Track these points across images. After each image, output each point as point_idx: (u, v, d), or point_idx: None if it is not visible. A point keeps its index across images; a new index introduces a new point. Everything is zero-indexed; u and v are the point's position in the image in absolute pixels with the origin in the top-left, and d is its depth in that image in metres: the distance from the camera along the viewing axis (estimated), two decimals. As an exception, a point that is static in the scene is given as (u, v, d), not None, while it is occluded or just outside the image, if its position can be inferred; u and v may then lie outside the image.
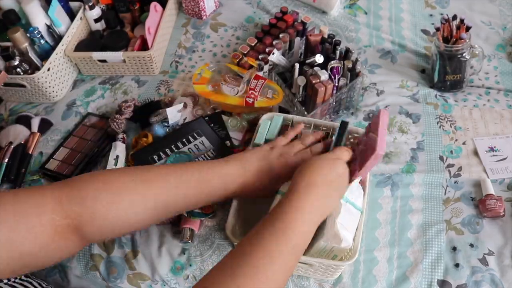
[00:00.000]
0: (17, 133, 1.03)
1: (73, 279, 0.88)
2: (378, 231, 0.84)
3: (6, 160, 0.98)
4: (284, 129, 0.85)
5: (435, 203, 0.86)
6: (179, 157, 0.89)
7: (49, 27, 1.12)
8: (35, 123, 1.05)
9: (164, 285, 0.82)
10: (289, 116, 0.86)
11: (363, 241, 0.82)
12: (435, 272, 0.79)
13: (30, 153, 1.01)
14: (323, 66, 0.94)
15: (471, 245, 0.81)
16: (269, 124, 0.83)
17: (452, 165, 0.91)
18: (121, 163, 0.91)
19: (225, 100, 0.97)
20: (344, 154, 0.71)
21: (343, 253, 0.70)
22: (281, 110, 0.98)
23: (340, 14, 1.25)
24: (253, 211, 0.85)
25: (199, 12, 1.25)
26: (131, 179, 0.65)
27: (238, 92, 0.96)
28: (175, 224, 0.86)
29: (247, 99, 0.95)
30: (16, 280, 0.68)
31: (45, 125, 1.06)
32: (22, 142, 1.02)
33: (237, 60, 1.07)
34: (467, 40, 0.96)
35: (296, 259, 0.61)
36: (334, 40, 0.98)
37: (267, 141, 0.81)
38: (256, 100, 0.94)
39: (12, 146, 1.00)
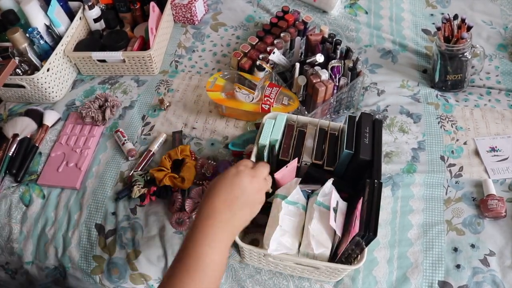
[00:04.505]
0: (24, 125, 1.02)
1: (72, 282, 0.88)
2: (378, 231, 0.83)
3: (11, 152, 0.98)
4: (288, 129, 0.84)
5: (436, 203, 0.86)
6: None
7: (48, 27, 1.12)
8: (49, 116, 1.06)
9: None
10: (293, 116, 0.85)
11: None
12: (436, 273, 0.78)
13: (37, 145, 1.01)
14: (324, 65, 0.93)
15: (472, 246, 0.80)
16: (273, 124, 0.81)
17: (453, 165, 0.91)
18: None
19: (240, 106, 0.96)
20: (248, 164, 0.68)
21: (324, 258, 0.69)
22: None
23: (340, 13, 1.24)
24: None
25: (191, 17, 1.25)
26: None
27: (253, 99, 0.96)
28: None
29: (263, 105, 0.94)
30: None
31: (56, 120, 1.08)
32: (29, 137, 1.02)
33: (239, 58, 1.07)
34: (468, 40, 0.95)
35: (219, 276, 0.62)
36: (334, 39, 0.97)
37: (271, 141, 0.79)
38: (272, 106, 0.94)
39: (18, 139, 1.00)
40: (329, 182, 0.72)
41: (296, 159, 0.76)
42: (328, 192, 0.72)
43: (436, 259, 0.79)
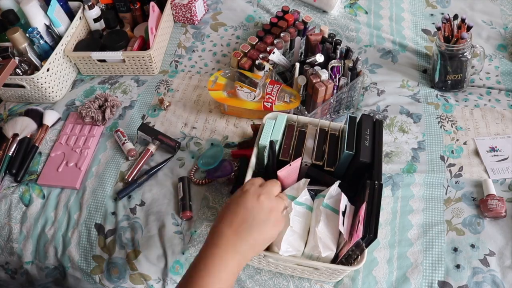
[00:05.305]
0: (24, 125, 1.02)
1: (72, 282, 0.88)
2: (378, 231, 0.83)
3: (11, 152, 0.98)
4: (288, 129, 0.83)
5: (436, 203, 0.86)
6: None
7: (48, 27, 1.12)
8: (49, 116, 1.05)
9: (165, 285, 0.82)
10: (294, 116, 0.85)
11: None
12: (436, 273, 0.78)
13: (36, 145, 1.01)
14: (324, 65, 0.93)
15: (472, 246, 0.80)
16: (273, 124, 0.81)
17: (453, 165, 0.91)
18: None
19: (242, 105, 0.96)
20: (254, 182, 0.64)
21: (328, 260, 0.69)
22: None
23: (340, 13, 1.24)
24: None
25: (191, 17, 1.25)
26: None
27: (255, 97, 0.95)
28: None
29: (265, 103, 0.94)
30: None
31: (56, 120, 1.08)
32: (29, 136, 1.02)
33: (238, 58, 1.07)
34: (468, 40, 0.95)
35: None
36: (334, 39, 0.97)
37: (271, 142, 0.78)
38: (274, 104, 0.94)
39: (18, 139, 1.00)
40: (335, 185, 0.72)
41: (300, 158, 0.76)
42: (335, 194, 0.72)
43: (436, 259, 0.79)
